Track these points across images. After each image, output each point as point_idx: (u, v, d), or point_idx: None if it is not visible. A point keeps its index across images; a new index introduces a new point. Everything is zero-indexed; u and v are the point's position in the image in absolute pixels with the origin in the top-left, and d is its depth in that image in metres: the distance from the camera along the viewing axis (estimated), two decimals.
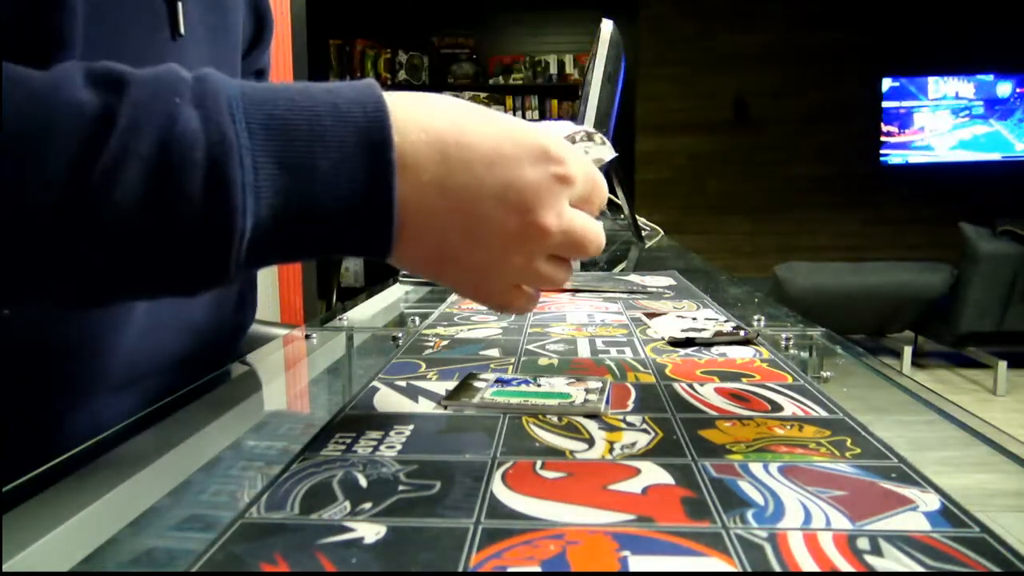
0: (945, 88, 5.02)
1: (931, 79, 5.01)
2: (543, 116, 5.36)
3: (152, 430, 0.43)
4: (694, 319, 0.68)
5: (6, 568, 0.28)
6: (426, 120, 0.36)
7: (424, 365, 0.55)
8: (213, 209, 0.31)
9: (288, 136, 0.33)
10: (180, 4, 0.50)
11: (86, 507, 0.33)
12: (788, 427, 0.41)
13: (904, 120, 5.07)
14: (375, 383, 0.50)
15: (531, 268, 0.39)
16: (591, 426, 0.41)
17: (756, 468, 0.35)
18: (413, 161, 0.35)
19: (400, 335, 0.67)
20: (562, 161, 0.38)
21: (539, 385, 0.48)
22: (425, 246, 0.38)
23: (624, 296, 0.86)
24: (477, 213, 0.37)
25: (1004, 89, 4.99)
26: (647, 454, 0.37)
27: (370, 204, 0.34)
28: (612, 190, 1.85)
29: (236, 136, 0.32)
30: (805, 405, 0.45)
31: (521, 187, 0.37)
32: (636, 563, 0.26)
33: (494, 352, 0.59)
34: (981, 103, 5.02)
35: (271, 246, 0.34)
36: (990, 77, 4.98)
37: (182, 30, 0.50)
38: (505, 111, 5.35)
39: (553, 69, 5.33)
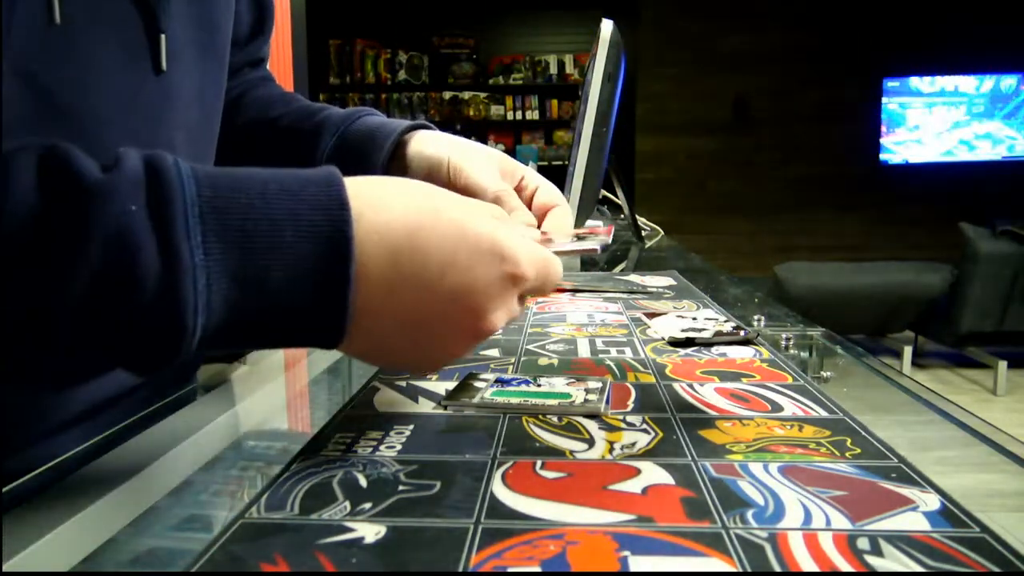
0: (945, 87, 5.02)
1: (930, 79, 5.01)
2: (543, 116, 5.36)
3: (152, 430, 0.43)
4: (694, 319, 0.68)
5: (6, 568, 0.28)
6: (383, 224, 0.35)
7: None
8: (162, 324, 0.30)
9: (245, 250, 0.31)
10: (163, 37, 0.47)
11: (86, 507, 0.33)
12: (788, 427, 0.41)
13: (904, 120, 5.07)
14: (375, 383, 0.50)
15: (467, 349, 0.40)
16: (591, 426, 0.41)
17: (756, 468, 0.35)
18: (365, 271, 0.34)
19: None
20: (516, 261, 0.37)
21: (539, 385, 0.48)
22: (370, 344, 0.37)
23: (624, 296, 0.86)
24: (427, 319, 0.36)
25: (1004, 88, 4.99)
26: (647, 454, 0.37)
27: (321, 314, 0.33)
28: (612, 190, 1.85)
29: (191, 254, 0.30)
30: (805, 405, 0.45)
31: (473, 292, 0.36)
32: (636, 563, 0.26)
33: (494, 352, 0.59)
34: (981, 102, 5.02)
35: (218, 345, 0.33)
36: (990, 77, 4.98)
37: (164, 66, 0.48)
38: (505, 111, 5.35)
39: (553, 69, 5.33)
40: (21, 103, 0.40)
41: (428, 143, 0.57)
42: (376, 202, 0.35)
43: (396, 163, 0.57)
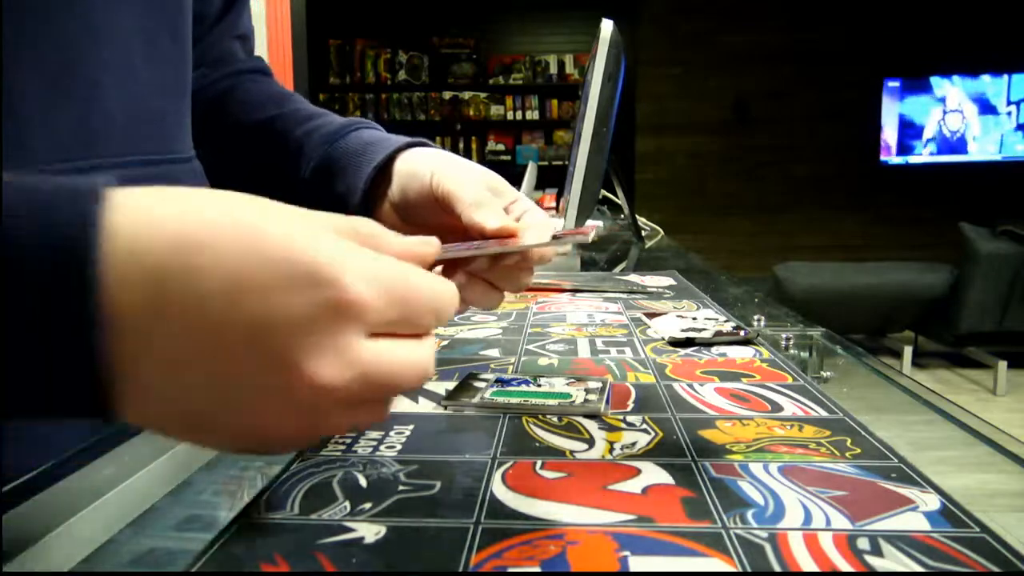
0: (946, 88, 5.02)
1: (931, 79, 5.01)
2: (543, 116, 5.36)
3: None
4: (694, 319, 0.68)
5: (6, 568, 0.28)
6: (145, 240, 0.25)
7: None
8: None
9: None
10: None
11: (86, 507, 0.33)
12: (788, 427, 0.41)
13: (904, 120, 5.07)
14: None
15: (323, 427, 0.28)
16: (591, 426, 0.41)
17: (756, 468, 0.35)
18: (120, 306, 0.24)
19: None
20: (337, 282, 0.26)
21: (539, 385, 0.48)
22: (162, 407, 0.26)
23: (624, 296, 0.86)
24: (221, 364, 0.26)
25: (1004, 89, 4.99)
26: (647, 454, 0.37)
27: (59, 354, 0.24)
28: (612, 190, 1.85)
29: None
30: (805, 405, 0.45)
31: (275, 329, 0.25)
32: (636, 563, 0.26)
33: (494, 352, 0.59)
34: (982, 102, 5.02)
35: None
36: (991, 77, 4.98)
37: None
38: (505, 111, 5.35)
39: (553, 69, 5.33)
40: None
41: (419, 156, 0.53)
42: (141, 215, 0.25)
43: (382, 178, 0.54)
